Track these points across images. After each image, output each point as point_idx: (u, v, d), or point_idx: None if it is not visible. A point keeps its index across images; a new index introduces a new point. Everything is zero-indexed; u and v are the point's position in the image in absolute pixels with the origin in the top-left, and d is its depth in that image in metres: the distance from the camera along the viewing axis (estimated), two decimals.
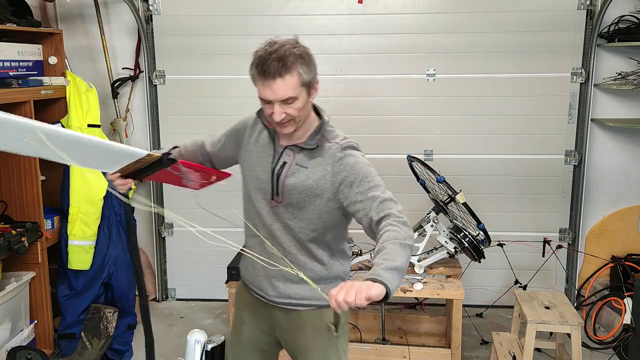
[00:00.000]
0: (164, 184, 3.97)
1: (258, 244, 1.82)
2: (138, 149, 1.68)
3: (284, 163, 1.75)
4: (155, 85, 3.85)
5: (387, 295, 1.43)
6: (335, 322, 1.82)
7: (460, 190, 2.90)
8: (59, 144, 1.50)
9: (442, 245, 2.99)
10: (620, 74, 3.59)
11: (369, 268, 2.91)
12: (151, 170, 1.77)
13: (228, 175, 1.93)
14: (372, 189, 1.67)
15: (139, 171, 1.78)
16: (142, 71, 3.85)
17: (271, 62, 1.60)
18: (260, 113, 1.82)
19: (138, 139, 3.93)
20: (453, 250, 2.96)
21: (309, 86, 1.67)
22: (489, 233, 2.93)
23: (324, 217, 1.75)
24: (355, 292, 1.38)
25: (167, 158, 1.73)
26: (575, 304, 3.65)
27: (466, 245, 2.91)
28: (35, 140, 1.43)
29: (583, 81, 3.65)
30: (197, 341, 2.96)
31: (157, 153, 1.72)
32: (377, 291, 1.41)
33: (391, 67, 3.71)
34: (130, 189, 1.83)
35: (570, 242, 3.85)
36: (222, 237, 1.70)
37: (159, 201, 3.98)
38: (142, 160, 1.71)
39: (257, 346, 1.96)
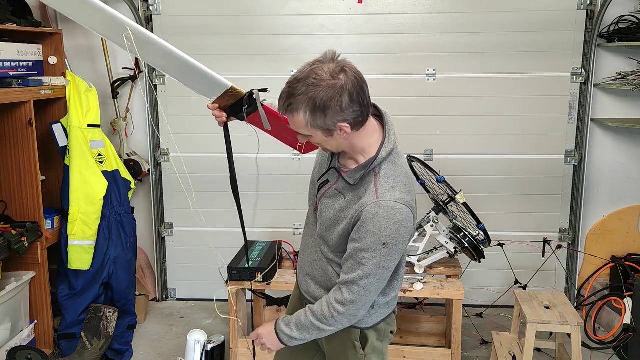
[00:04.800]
0: (163, 185, 3.98)
1: (309, 235, 1.83)
2: (224, 79, 1.63)
3: (327, 181, 1.70)
4: (155, 85, 3.85)
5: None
6: (363, 341, 1.77)
7: (460, 190, 2.90)
8: (144, 46, 1.52)
9: (442, 245, 2.99)
10: (620, 74, 3.59)
11: None
12: (242, 110, 1.69)
13: None
14: (358, 264, 1.58)
15: (231, 108, 1.73)
16: (142, 71, 3.85)
17: (282, 95, 1.51)
18: None
19: (138, 139, 3.93)
20: (453, 250, 2.96)
21: (326, 129, 1.52)
22: (489, 233, 2.93)
23: (342, 247, 1.67)
24: (260, 344, 1.76)
25: (250, 96, 1.65)
26: (575, 304, 3.65)
27: (466, 245, 2.91)
28: (128, 38, 1.45)
29: (583, 81, 3.65)
30: (197, 341, 2.95)
31: (242, 89, 1.65)
32: (273, 343, 1.75)
33: (391, 67, 3.71)
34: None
35: (570, 242, 3.85)
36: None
37: (159, 201, 3.98)
38: (228, 93, 1.66)
39: None
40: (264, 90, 1.72)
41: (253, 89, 1.69)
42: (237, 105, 1.72)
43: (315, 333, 1.68)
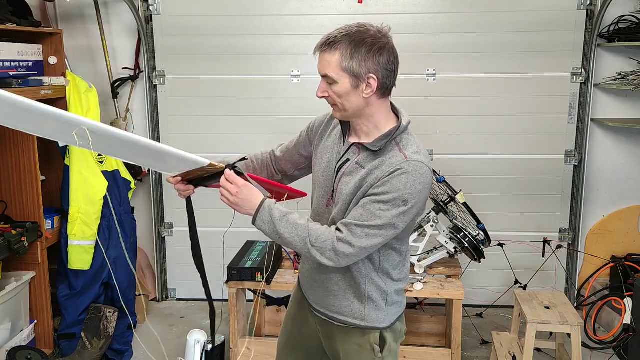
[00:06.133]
0: (163, 185, 3.97)
1: None
2: (199, 157, 1.59)
3: (347, 160, 1.66)
4: (155, 85, 3.85)
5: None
6: (381, 344, 1.74)
7: (460, 190, 2.90)
8: (106, 141, 1.46)
9: (442, 245, 2.99)
10: (620, 74, 3.59)
11: None
12: (215, 180, 1.66)
13: (302, 194, 1.83)
14: (371, 214, 1.54)
15: (202, 179, 1.70)
16: (142, 71, 3.85)
17: (327, 35, 1.56)
18: None
19: None
20: (453, 250, 2.96)
21: (356, 77, 1.55)
22: (489, 233, 2.93)
23: None
24: (233, 202, 1.60)
25: (233, 170, 1.62)
26: (575, 304, 3.65)
27: (466, 245, 2.91)
28: (81, 136, 1.40)
29: (583, 81, 3.65)
30: (197, 341, 2.95)
31: (221, 164, 1.63)
32: (245, 206, 1.61)
33: None
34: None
35: (570, 242, 3.85)
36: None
37: (159, 201, 3.98)
38: (204, 168, 1.63)
39: (301, 344, 1.92)
40: (243, 159, 1.75)
41: (235, 164, 1.66)
42: (214, 178, 1.67)
43: (287, 236, 1.58)
